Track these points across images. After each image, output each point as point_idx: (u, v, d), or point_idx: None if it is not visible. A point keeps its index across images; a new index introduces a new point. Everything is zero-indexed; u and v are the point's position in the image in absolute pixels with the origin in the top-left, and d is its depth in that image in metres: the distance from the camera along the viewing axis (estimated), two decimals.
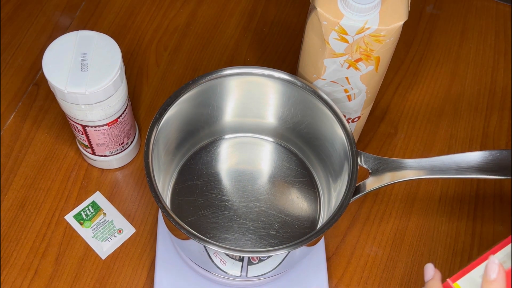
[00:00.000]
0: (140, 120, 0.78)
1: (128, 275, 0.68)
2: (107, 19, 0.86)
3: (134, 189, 0.74)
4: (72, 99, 0.62)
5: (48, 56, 0.62)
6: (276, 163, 0.71)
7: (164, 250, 0.68)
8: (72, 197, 0.72)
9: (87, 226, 0.71)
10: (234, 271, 0.60)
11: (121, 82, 0.64)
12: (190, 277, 0.66)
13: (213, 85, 0.64)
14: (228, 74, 0.63)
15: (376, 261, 0.71)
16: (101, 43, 0.63)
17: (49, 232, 0.70)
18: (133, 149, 0.74)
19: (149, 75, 0.82)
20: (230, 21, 0.87)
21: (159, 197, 0.55)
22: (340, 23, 0.56)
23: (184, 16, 0.87)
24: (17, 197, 0.72)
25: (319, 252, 0.68)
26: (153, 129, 0.59)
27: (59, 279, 0.68)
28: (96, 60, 0.62)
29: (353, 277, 0.70)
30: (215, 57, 0.84)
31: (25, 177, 0.73)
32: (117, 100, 0.64)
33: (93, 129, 0.66)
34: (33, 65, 0.81)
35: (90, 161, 0.74)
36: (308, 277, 0.67)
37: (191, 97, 0.63)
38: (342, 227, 0.72)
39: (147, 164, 0.57)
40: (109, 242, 0.70)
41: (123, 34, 0.85)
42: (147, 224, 0.71)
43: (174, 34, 0.86)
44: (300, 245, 0.55)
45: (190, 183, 0.69)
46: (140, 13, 0.87)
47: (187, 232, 0.54)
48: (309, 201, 0.69)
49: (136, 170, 0.75)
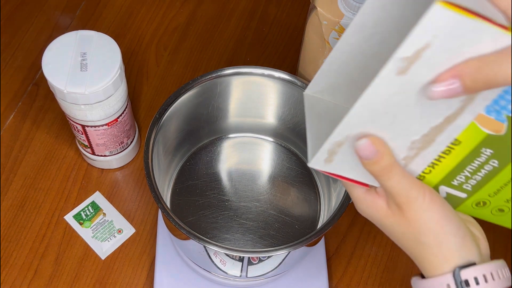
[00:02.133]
0: (140, 120, 0.78)
1: (128, 275, 0.68)
2: (107, 19, 0.86)
3: (134, 189, 0.74)
4: (71, 99, 0.61)
5: (48, 56, 0.62)
6: (276, 163, 0.71)
7: (164, 250, 0.68)
8: (72, 197, 0.72)
9: (86, 226, 0.71)
10: (234, 271, 0.60)
11: (120, 82, 0.64)
12: (190, 277, 0.66)
13: (213, 85, 0.63)
14: (228, 74, 0.63)
15: (376, 261, 0.70)
16: (101, 43, 0.63)
17: (49, 232, 0.70)
18: (132, 149, 0.74)
19: (149, 75, 0.82)
20: (230, 21, 0.87)
21: (159, 197, 0.55)
22: (340, 22, 0.56)
23: (184, 16, 0.87)
24: (16, 197, 0.72)
25: (319, 252, 0.68)
26: (153, 129, 0.59)
27: (58, 279, 0.68)
28: (96, 60, 0.62)
29: (353, 277, 0.70)
30: (215, 57, 0.84)
31: (25, 177, 0.73)
32: (117, 100, 0.64)
33: (93, 129, 0.66)
34: (33, 65, 0.81)
35: (89, 161, 0.74)
36: (308, 277, 0.67)
37: (191, 97, 0.63)
38: (342, 227, 0.72)
39: (147, 164, 0.57)
40: (109, 242, 0.70)
41: (123, 34, 0.85)
42: (147, 224, 0.71)
43: (174, 34, 0.86)
44: (300, 245, 0.55)
45: (190, 183, 0.69)
46: (140, 13, 0.87)
47: (187, 232, 0.54)
48: (309, 201, 0.69)
49: (136, 170, 0.75)
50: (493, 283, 0.41)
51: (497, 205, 0.44)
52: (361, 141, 0.39)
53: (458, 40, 0.33)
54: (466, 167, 0.42)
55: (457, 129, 0.39)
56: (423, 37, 0.33)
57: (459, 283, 0.41)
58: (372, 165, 0.40)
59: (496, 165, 0.41)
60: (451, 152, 0.41)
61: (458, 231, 0.42)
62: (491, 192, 0.43)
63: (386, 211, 0.43)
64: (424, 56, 0.34)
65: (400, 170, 0.41)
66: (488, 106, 0.37)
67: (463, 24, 0.32)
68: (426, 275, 0.43)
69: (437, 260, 0.42)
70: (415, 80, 0.35)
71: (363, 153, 0.39)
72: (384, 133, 0.39)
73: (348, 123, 0.38)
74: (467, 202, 0.45)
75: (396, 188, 0.41)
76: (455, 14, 0.32)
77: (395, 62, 0.34)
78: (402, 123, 0.38)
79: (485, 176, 0.42)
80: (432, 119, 0.38)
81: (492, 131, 0.39)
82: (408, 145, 0.40)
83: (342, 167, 0.42)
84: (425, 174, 0.43)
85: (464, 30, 0.33)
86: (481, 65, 0.34)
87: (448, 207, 0.42)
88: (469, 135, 0.39)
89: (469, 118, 0.38)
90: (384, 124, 0.38)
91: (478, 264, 0.42)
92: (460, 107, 0.37)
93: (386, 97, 0.36)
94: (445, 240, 0.42)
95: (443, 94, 0.35)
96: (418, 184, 0.41)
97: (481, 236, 0.45)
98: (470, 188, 0.43)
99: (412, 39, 0.33)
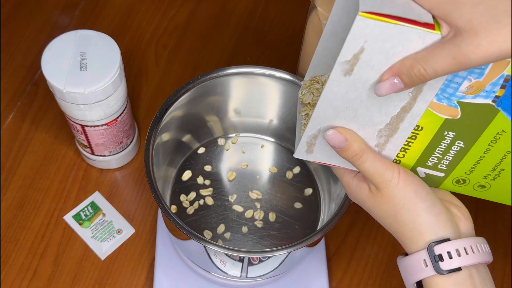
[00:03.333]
0: (140, 120, 0.78)
1: (128, 276, 0.68)
2: (107, 18, 0.86)
3: (133, 189, 0.74)
4: (71, 99, 0.61)
5: (47, 56, 0.62)
6: (276, 163, 0.71)
7: (163, 251, 0.67)
8: (71, 197, 0.72)
9: (86, 226, 0.70)
10: (234, 271, 0.60)
11: (120, 82, 0.63)
12: (190, 277, 0.66)
13: (213, 85, 0.63)
14: (228, 74, 0.63)
15: (376, 262, 0.70)
16: (100, 43, 0.63)
17: (48, 232, 0.70)
18: (132, 149, 0.74)
19: (148, 74, 0.82)
20: (230, 21, 0.87)
21: (159, 197, 0.55)
22: None
23: (183, 15, 0.87)
24: (16, 197, 0.72)
25: (319, 253, 0.68)
26: (153, 129, 0.59)
27: (58, 279, 0.67)
28: (95, 59, 0.62)
29: (353, 278, 0.69)
30: (215, 56, 0.84)
31: (24, 177, 0.73)
32: (116, 100, 0.64)
33: (92, 129, 0.66)
34: (32, 64, 0.81)
35: (89, 161, 0.74)
36: (308, 278, 0.67)
37: (191, 97, 0.63)
38: (343, 228, 0.72)
39: (147, 164, 0.57)
40: (109, 243, 0.70)
41: (123, 34, 0.85)
42: (147, 224, 0.71)
43: (174, 33, 0.85)
44: (300, 246, 0.54)
45: (190, 182, 0.69)
46: (139, 12, 0.87)
47: (187, 232, 0.54)
48: (309, 202, 0.69)
49: (136, 170, 0.75)
50: (470, 257, 0.44)
51: (477, 182, 0.48)
52: (328, 132, 0.45)
53: (388, 43, 0.38)
54: (435, 149, 0.46)
55: (416, 117, 0.44)
56: (356, 43, 0.39)
57: (432, 257, 0.44)
58: (344, 151, 0.45)
59: (462, 145, 0.45)
60: (417, 137, 0.45)
61: (432, 209, 0.46)
62: (466, 170, 0.47)
63: (368, 192, 0.48)
64: (362, 58, 0.40)
65: (372, 154, 0.46)
66: (438, 94, 0.42)
67: (387, 29, 0.38)
68: (407, 251, 0.47)
69: (412, 235, 0.46)
70: (362, 79, 0.41)
71: (332, 142, 0.45)
72: (352, 125, 0.45)
73: (316, 118, 0.45)
74: (447, 180, 0.49)
75: (371, 170, 0.46)
76: (376, 22, 0.37)
77: (340, 66, 0.40)
78: (364, 116, 0.44)
79: (455, 156, 0.46)
80: (390, 110, 0.43)
81: (448, 116, 0.43)
82: (375, 133, 0.45)
83: (322, 156, 0.48)
84: (400, 158, 0.47)
85: (391, 34, 0.38)
86: (412, 63, 0.38)
87: (423, 186, 0.46)
88: (429, 121, 0.44)
89: (423, 106, 0.43)
90: (348, 117, 0.44)
91: (452, 240, 0.45)
92: (412, 98, 0.42)
93: (342, 95, 0.42)
94: (418, 217, 0.45)
95: (388, 91, 0.40)
96: (392, 165, 0.46)
97: (462, 216, 0.48)
98: (444, 167, 0.48)
99: (347, 46, 0.39)
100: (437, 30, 0.38)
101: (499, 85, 0.40)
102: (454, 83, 0.41)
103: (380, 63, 0.40)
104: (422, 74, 0.38)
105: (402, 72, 0.39)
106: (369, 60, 0.40)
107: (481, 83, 0.41)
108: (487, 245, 0.47)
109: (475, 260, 0.45)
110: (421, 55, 0.38)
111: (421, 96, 0.42)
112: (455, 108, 0.43)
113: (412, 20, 0.38)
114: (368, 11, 0.37)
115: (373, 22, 0.37)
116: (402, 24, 0.37)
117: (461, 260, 0.44)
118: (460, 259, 0.44)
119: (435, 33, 0.38)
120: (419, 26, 0.37)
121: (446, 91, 0.42)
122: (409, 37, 0.38)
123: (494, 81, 0.40)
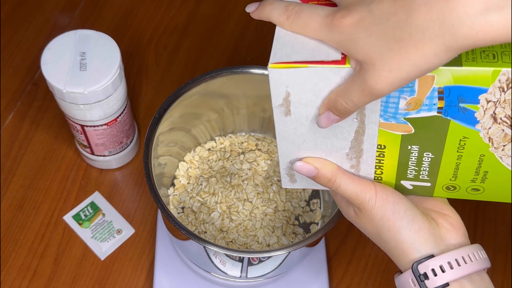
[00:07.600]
0: (139, 120, 0.78)
1: (127, 276, 0.68)
2: (106, 18, 0.86)
3: (133, 189, 0.74)
4: (71, 99, 0.61)
5: (47, 56, 0.62)
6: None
7: (163, 251, 0.67)
8: (71, 197, 0.72)
9: (86, 227, 0.70)
10: (234, 271, 0.60)
11: (120, 82, 0.63)
12: (190, 278, 0.66)
13: (213, 85, 0.63)
14: (228, 74, 0.63)
15: (377, 262, 0.70)
16: (100, 43, 0.63)
17: (48, 232, 0.70)
18: (132, 149, 0.74)
19: (148, 74, 0.82)
20: (230, 20, 0.87)
21: (159, 197, 0.55)
22: None
23: (183, 15, 0.87)
24: (15, 197, 0.72)
25: (319, 253, 0.68)
26: (153, 129, 0.59)
27: (58, 279, 0.67)
28: (95, 59, 0.62)
29: (353, 278, 0.69)
30: (215, 56, 0.84)
31: (24, 177, 0.73)
32: (116, 100, 0.64)
33: (92, 129, 0.66)
34: (32, 64, 0.81)
35: (89, 161, 0.74)
36: (308, 278, 0.67)
37: (191, 97, 0.62)
38: (343, 228, 0.72)
39: (146, 164, 0.57)
40: (108, 243, 0.70)
41: (122, 34, 0.85)
42: (147, 225, 0.71)
43: (174, 33, 0.85)
44: (300, 246, 0.54)
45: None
46: (139, 12, 0.87)
47: (187, 233, 0.54)
48: (309, 202, 0.69)
49: (135, 170, 0.75)
50: (457, 270, 0.44)
51: (467, 186, 0.47)
52: (296, 165, 0.47)
53: (309, 83, 0.40)
54: (408, 162, 0.46)
55: (372, 138, 0.44)
56: (280, 90, 0.41)
57: (417, 276, 0.44)
58: (317, 179, 0.47)
59: (432, 156, 0.45)
60: (385, 155, 0.46)
61: (411, 225, 0.45)
62: (449, 177, 0.46)
63: (353, 213, 0.48)
64: (293, 100, 0.42)
65: (346, 177, 0.46)
66: (382, 115, 0.42)
67: (301, 73, 0.40)
68: (399, 268, 0.47)
69: (398, 253, 0.46)
70: (303, 116, 0.43)
71: (303, 173, 0.47)
72: (319, 153, 0.46)
73: (282, 154, 0.47)
74: (437, 188, 0.48)
75: (347, 192, 0.46)
76: (287, 70, 0.40)
77: (277, 109, 0.43)
78: (325, 144, 0.45)
79: (430, 166, 0.46)
80: (345, 136, 0.44)
81: (403, 132, 0.43)
82: (344, 156, 0.46)
83: (306, 183, 0.50)
84: (379, 175, 0.47)
85: (307, 76, 0.40)
86: (335, 98, 0.40)
87: (401, 203, 0.46)
88: (388, 139, 0.44)
89: (374, 128, 0.43)
90: (311, 147, 0.46)
91: (436, 255, 0.44)
92: (360, 121, 0.43)
93: (293, 131, 0.44)
94: (399, 235, 0.45)
95: (328, 124, 0.42)
96: (368, 186, 0.46)
97: (450, 226, 0.47)
98: (426, 177, 0.47)
99: (274, 93, 0.42)
100: (347, 63, 0.39)
101: (436, 98, 0.40)
102: (391, 103, 0.41)
103: (311, 100, 0.42)
104: (345, 107, 0.40)
105: (331, 107, 0.41)
106: (300, 100, 0.42)
107: (418, 99, 0.41)
108: (482, 252, 0.46)
109: (465, 271, 0.44)
110: (341, 90, 0.40)
111: (368, 119, 0.43)
112: (405, 125, 0.43)
113: (320, 61, 0.39)
114: (277, 61, 0.40)
115: (285, 70, 0.40)
116: (312, 66, 0.39)
117: (447, 275, 0.43)
118: (445, 275, 0.43)
119: (345, 68, 0.39)
120: (328, 64, 0.39)
121: (387, 111, 0.42)
122: (324, 75, 0.40)
123: (429, 95, 0.40)
